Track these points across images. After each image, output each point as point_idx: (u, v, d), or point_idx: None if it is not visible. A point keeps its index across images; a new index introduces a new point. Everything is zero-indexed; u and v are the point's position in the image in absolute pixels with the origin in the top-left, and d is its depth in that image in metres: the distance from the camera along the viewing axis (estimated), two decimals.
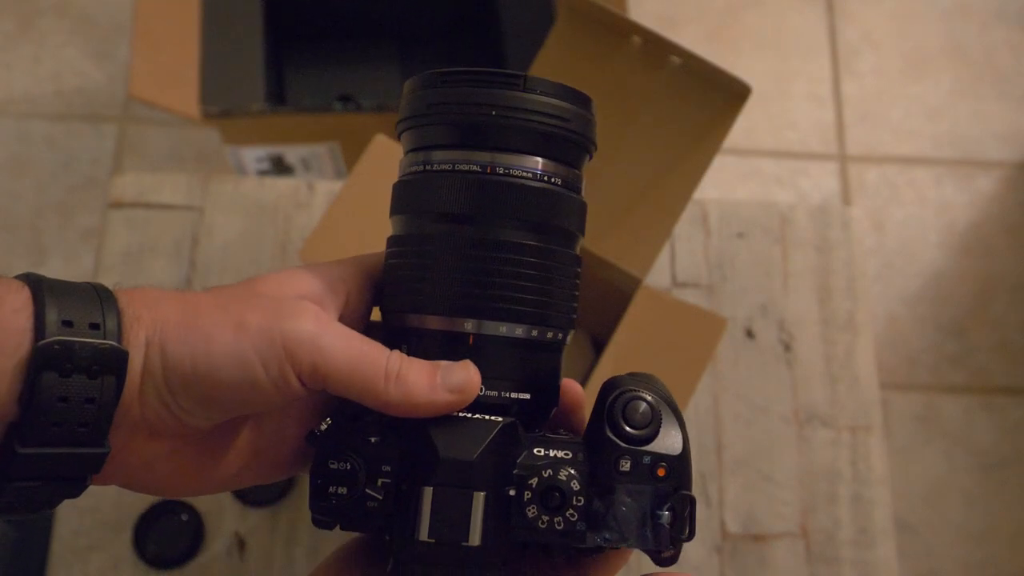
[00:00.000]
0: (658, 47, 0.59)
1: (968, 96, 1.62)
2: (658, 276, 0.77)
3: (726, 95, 0.59)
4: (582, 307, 0.38)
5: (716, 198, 0.81)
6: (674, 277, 0.78)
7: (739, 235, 0.80)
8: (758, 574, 0.70)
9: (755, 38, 1.65)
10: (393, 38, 1.25)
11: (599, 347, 0.70)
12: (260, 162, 1.11)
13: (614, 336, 0.60)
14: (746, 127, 1.53)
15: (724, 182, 1.52)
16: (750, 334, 0.77)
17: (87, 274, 0.79)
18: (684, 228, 0.79)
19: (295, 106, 1.07)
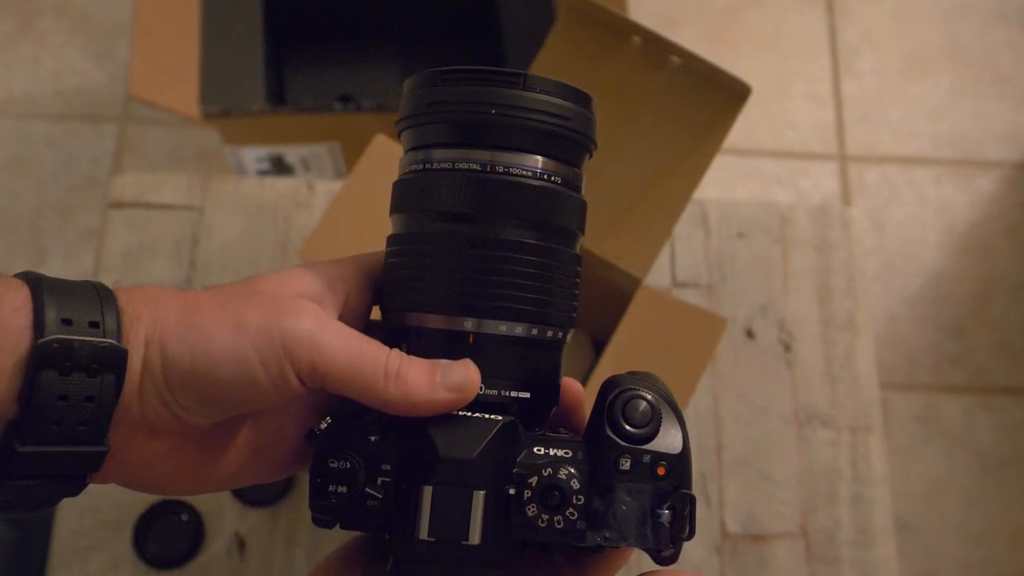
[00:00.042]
0: (658, 47, 0.59)
1: (968, 96, 1.62)
2: (658, 276, 0.77)
3: (726, 95, 0.59)
4: (582, 307, 0.38)
5: (716, 198, 0.81)
6: (674, 277, 0.78)
7: (739, 235, 0.80)
8: (758, 574, 0.70)
9: (755, 38, 1.65)
10: (393, 38, 1.25)
11: (599, 347, 0.70)
12: (260, 162, 1.11)
13: (614, 336, 0.60)
14: (746, 127, 1.53)
15: (724, 182, 1.52)
16: (750, 334, 0.77)
17: (87, 274, 0.79)
18: (684, 228, 0.79)
19: (295, 106, 1.07)
